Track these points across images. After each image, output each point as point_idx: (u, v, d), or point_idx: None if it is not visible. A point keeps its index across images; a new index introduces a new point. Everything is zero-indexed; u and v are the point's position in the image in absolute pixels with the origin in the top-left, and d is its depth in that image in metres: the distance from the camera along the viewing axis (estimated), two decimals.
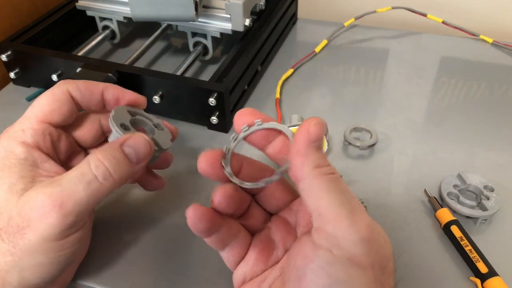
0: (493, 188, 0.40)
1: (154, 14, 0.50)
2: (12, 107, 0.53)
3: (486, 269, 0.34)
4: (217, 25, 0.54)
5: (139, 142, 0.30)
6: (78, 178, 0.27)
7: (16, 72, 0.53)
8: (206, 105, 0.46)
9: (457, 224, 0.37)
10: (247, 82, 0.53)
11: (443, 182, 0.41)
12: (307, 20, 0.70)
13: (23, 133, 0.30)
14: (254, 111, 0.30)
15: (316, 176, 0.25)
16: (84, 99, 0.33)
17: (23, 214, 0.27)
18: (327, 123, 0.46)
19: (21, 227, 0.27)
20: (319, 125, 0.25)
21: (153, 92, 0.48)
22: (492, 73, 0.58)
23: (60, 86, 0.32)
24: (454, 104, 0.53)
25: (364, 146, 0.45)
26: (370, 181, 0.43)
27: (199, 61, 0.59)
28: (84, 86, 0.33)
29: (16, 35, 0.54)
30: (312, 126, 0.25)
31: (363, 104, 0.53)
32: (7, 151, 0.30)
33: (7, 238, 0.27)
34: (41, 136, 0.31)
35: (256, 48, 0.54)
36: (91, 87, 0.33)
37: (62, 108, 0.32)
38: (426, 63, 0.60)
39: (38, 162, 0.30)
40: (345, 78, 0.57)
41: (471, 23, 0.66)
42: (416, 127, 0.49)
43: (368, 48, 0.63)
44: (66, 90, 0.32)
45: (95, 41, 0.57)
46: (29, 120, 0.31)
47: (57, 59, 0.50)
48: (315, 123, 0.25)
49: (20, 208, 0.27)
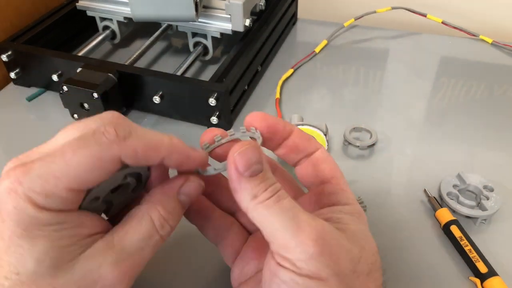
0: (493, 188, 0.40)
1: (154, 14, 0.50)
2: (12, 107, 0.53)
3: (485, 269, 0.34)
4: (217, 25, 0.54)
5: (194, 187, 0.27)
6: (145, 241, 0.25)
7: (16, 72, 0.54)
8: (206, 105, 0.46)
9: (456, 224, 0.37)
10: (247, 82, 0.53)
11: (442, 182, 0.41)
12: (307, 20, 0.70)
13: (45, 198, 0.22)
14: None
15: (254, 208, 0.24)
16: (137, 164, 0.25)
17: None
18: (327, 123, 0.46)
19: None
20: (243, 153, 0.24)
21: (154, 92, 0.48)
22: (492, 73, 0.58)
23: (112, 150, 0.23)
24: (453, 104, 0.53)
25: (364, 146, 0.45)
26: (370, 181, 0.43)
27: (199, 61, 0.59)
28: (143, 153, 0.24)
29: (16, 35, 0.54)
30: (236, 157, 0.24)
31: (363, 104, 0.53)
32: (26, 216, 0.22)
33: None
34: (68, 205, 0.23)
35: (256, 48, 0.54)
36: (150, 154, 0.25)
37: (101, 178, 0.24)
38: (426, 63, 0.60)
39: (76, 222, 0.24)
40: (345, 78, 0.57)
41: (471, 23, 0.66)
42: (416, 127, 0.50)
43: (368, 48, 0.63)
44: (117, 158, 0.23)
45: (95, 41, 0.58)
46: (54, 183, 0.22)
47: (57, 59, 0.50)
48: (239, 153, 0.24)
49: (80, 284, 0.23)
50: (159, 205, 0.26)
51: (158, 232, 0.26)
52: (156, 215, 0.26)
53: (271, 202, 0.24)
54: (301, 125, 0.43)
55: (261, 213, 0.24)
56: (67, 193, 0.22)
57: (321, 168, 0.29)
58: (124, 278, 0.24)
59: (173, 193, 0.27)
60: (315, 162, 0.29)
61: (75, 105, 0.47)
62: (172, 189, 0.27)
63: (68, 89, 0.46)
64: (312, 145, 0.30)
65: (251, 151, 0.24)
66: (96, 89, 0.45)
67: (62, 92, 0.46)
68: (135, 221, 0.25)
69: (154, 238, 0.25)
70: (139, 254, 0.25)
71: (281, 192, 0.25)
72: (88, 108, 0.47)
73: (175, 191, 0.27)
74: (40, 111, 0.52)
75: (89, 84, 0.45)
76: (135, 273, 0.25)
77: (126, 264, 0.24)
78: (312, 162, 0.29)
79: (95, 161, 0.23)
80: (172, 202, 0.27)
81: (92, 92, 0.45)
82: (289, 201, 0.25)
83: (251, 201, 0.24)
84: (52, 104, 0.53)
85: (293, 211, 0.24)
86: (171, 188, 0.27)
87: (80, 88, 0.45)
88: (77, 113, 0.48)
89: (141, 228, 0.25)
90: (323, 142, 0.43)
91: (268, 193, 0.24)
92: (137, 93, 0.49)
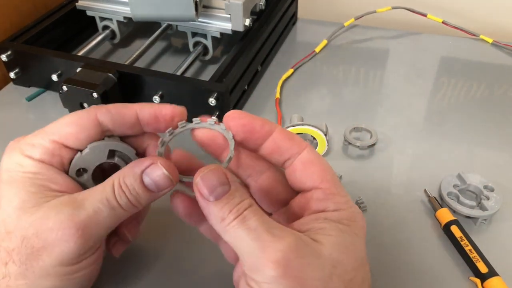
0: (493, 188, 0.40)
1: (154, 14, 0.50)
2: (12, 107, 0.53)
3: (486, 269, 0.34)
4: (217, 25, 0.54)
5: (158, 174, 0.28)
6: (103, 203, 0.26)
7: (16, 72, 0.54)
8: (206, 105, 0.46)
9: (457, 224, 0.37)
10: (247, 82, 0.53)
11: (443, 182, 0.41)
12: (307, 20, 0.70)
13: (32, 148, 0.28)
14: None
15: (224, 230, 0.25)
16: (116, 124, 0.29)
17: (40, 234, 0.25)
18: (327, 123, 0.46)
19: (36, 249, 0.25)
20: (205, 178, 0.25)
21: (153, 92, 0.48)
22: (492, 73, 0.58)
23: (90, 111, 0.29)
24: (454, 104, 0.53)
25: (364, 146, 0.45)
26: (370, 181, 0.43)
27: (199, 61, 0.59)
28: (115, 109, 0.29)
29: (16, 35, 0.54)
30: (199, 183, 0.25)
31: (363, 104, 0.53)
32: (14, 163, 0.27)
33: (19, 259, 0.26)
34: (49, 155, 0.28)
35: (256, 48, 0.54)
36: (122, 109, 0.29)
37: (80, 133, 0.28)
38: (426, 63, 0.60)
39: (48, 176, 0.28)
40: (345, 78, 0.57)
41: (471, 23, 0.66)
42: (416, 127, 0.50)
43: (368, 48, 0.63)
44: (94, 116, 0.28)
45: (95, 41, 0.57)
46: (42, 136, 0.28)
47: (57, 59, 0.50)
48: (201, 177, 0.25)
49: (36, 228, 0.26)
50: (122, 175, 0.27)
51: (116, 199, 0.27)
52: (117, 183, 0.27)
53: (236, 223, 0.24)
54: (301, 125, 0.43)
55: (230, 235, 0.25)
56: (50, 144, 0.28)
57: (309, 171, 0.27)
58: (77, 232, 0.26)
59: (139, 170, 0.27)
60: (303, 165, 0.28)
61: (75, 105, 0.47)
62: (139, 166, 0.28)
63: (67, 89, 0.46)
64: (296, 145, 0.28)
65: (212, 175, 0.25)
66: (95, 89, 0.45)
67: (61, 92, 0.46)
68: (101, 185, 0.28)
69: (111, 203, 0.27)
70: (96, 214, 0.26)
71: (248, 211, 0.25)
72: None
73: (140, 169, 0.28)
74: (40, 111, 0.52)
75: (88, 84, 0.45)
76: (91, 234, 0.26)
77: (81, 219, 0.26)
78: (299, 164, 0.28)
79: (75, 119, 0.28)
80: (132, 177, 0.27)
81: (92, 92, 0.45)
82: (256, 220, 0.24)
83: (220, 223, 0.25)
84: (52, 104, 0.53)
85: (258, 231, 0.24)
86: (138, 164, 0.28)
87: (80, 88, 0.45)
88: None
89: (103, 191, 0.27)
90: (323, 142, 0.43)
91: (233, 215, 0.24)
92: (137, 93, 0.49)
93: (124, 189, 0.27)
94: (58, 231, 0.25)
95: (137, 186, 0.27)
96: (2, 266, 0.26)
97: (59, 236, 0.25)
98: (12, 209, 0.26)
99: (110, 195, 0.27)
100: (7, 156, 0.28)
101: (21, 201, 0.26)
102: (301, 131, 0.43)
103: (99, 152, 0.29)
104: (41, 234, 0.26)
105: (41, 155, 0.28)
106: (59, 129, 0.28)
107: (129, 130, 0.30)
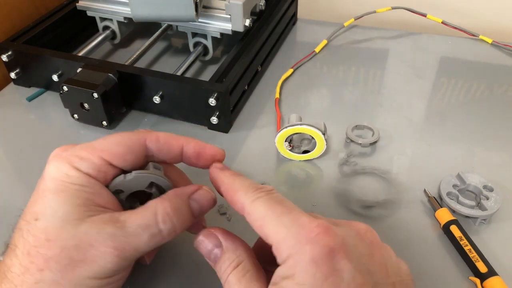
0: (493, 188, 0.40)
1: (154, 14, 0.50)
2: (12, 107, 0.53)
3: (485, 269, 0.34)
4: (217, 26, 0.54)
5: (205, 197, 0.30)
6: (143, 228, 0.27)
7: (16, 72, 0.54)
8: (206, 105, 0.46)
9: (456, 224, 0.37)
10: (247, 82, 0.53)
11: (442, 182, 0.41)
12: (307, 20, 0.70)
13: (81, 160, 0.28)
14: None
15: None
16: (161, 153, 0.31)
17: (80, 248, 0.26)
18: (327, 123, 0.46)
19: (74, 260, 0.26)
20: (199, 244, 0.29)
21: (154, 92, 0.48)
22: (492, 73, 0.58)
23: (140, 134, 0.30)
24: (453, 104, 0.53)
25: (366, 143, 0.45)
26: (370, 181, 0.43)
27: (199, 61, 0.59)
28: (164, 139, 0.31)
29: (16, 35, 0.54)
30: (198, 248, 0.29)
31: (362, 104, 0.53)
32: (61, 173, 0.28)
33: (56, 268, 0.26)
34: (95, 171, 0.29)
35: (256, 49, 0.54)
36: (170, 140, 0.31)
37: (127, 155, 0.30)
38: (425, 63, 0.60)
39: (94, 190, 0.28)
40: (345, 78, 0.57)
41: (471, 23, 0.66)
42: (415, 127, 0.50)
43: (368, 48, 0.63)
44: (144, 141, 0.30)
45: (95, 41, 0.58)
46: (91, 152, 0.29)
47: (57, 59, 0.50)
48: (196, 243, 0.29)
49: (77, 241, 0.26)
50: (167, 201, 0.28)
51: (158, 225, 0.27)
52: (161, 208, 0.28)
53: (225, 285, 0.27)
54: (299, 124, 0.43)
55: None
56: (98, 160, 0.28)
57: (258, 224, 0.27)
58: (115, 252, 0.26)
59: (184, 195, 0.29)
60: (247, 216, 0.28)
61: (75, 105, 0.47)
62: (184, 192, 0.29)
63: (68, 89, 0.46)
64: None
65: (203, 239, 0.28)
66: (96, 89, 0.45)
67: (62, 92, 0.46)
68: (143, 209, 0.28)
69: (153, 228, 0.27)
70: (136, 237, 0.27)
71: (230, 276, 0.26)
72: (88, 108, 0.47)
73: (187, 195, 0.29)
74: (40, 111, 0.52)
75: (89, 84, 0.45)
76: (128, 255, 0.27)
77: (121, 240, 0.26)
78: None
79: (125, 140, 0.30)
80: (180, 202, 0.29)
81: (92, 92, 0.45)
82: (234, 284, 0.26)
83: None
84: (52, 104, 0.53)
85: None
86: (183, 191, 0.30)
87: (80, 88, 0.45)
88: (77, 113, 0.48)
89: (145, 215, 0.27)
90: (321, 142, 0.43)
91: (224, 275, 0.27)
92: (137, 93, 0.49)
93: (170, 215, 0.28)
94: (98, 249, 0.26)
95: (185, 208, 0.29)
96: (37, 272, 0.26)
97: (99, 253, 0.26)
98: (56, 219, 0.26)
99: (152, 220, 0.27)
100: (54, 165, 0.28)
101: (66, 212, 0.27)
102: (300, 131, 0.43)
103: (142, 181, 0.30)
104: (81, 248, 0.26)
105: (88, 169, 0.28)
106: (108, 147, 0.29)
107: (170, 160, 0.32)
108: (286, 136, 0.44)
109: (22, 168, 0.45)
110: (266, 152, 0.46)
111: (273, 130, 0.49)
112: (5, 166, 0.45)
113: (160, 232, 0.27)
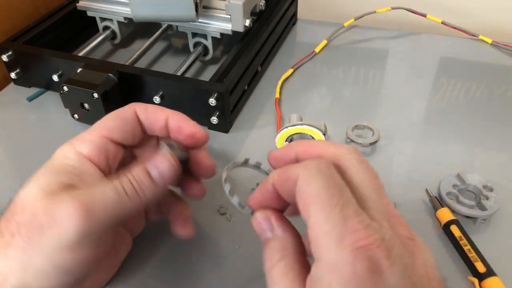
0: (492, 188, 0.40)
1: (154, 14, 0.50)
2: (13, 107, 0.53)
3: (484, 269, 0.34)
4: (217, 26, 0.54)
5: (164, 165, 0.30)
6: (109, 186, 0.28)
7: (17, 72, 0.54)
8: (206, 105, 0.46)
9: (456, 224, 0.37)
10: (247, 82, 0.53)
11: (442, 182, 0.41)
12: (307, 20, 0.70)
13: (82, 142, 0.31)
14: None
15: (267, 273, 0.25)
16: (149, 122, 0.33)
17: (48, 212, 0.27)
18: (327, 123, 0.46)
19: (44, 226, 0.26)
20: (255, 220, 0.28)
21: (154, 92, 0.48)
22: (491, 73, 0.58)
23: (129, 106, 0.33)
24: (453, 104, 0.53)
25: (366, 143, 0.45)
26: None
27: (199, 61, 0.59)
28: (151, 109, 0.33)
29: (17, 35, 0.54)
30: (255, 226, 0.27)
31: (362, 104, 0.53)
32: (62, 154, 0.30)
33: (26, 234, 0.27)
34: (97, 150, 0.31)
35: (256, 49, 0.54)
36: (156, 111, 0.33)
37: (124, 126, 0.32)
38: (425, 63, 0.60)
39: (85, 172, 0.30)
40: (345, 78, 0.57)
41: (471, 24, 0.66)
42: (415, 127, 0.50)
43: (367, 49, 0.63)
44: (133, 111, 0.32)
45: (95, 42, 0.58)
46: (92, 132, 0.31)
47: (57, 59, 0.51)
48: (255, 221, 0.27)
49: (47, 207, 0.27)
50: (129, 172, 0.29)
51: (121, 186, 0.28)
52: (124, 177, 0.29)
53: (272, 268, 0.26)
54: (299, 124, 0.43)
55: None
56: (99, 139, 0.31)
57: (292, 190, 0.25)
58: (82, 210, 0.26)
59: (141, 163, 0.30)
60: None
61: (76, 105, 0.47)
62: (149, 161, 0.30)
63: (68, 89, 0.46)
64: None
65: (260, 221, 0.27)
66: (96, 89, 0.45)
67: (62, 92, 0.46)
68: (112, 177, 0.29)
69: (117, 188, 0.28)
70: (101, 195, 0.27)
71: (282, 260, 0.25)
72: (89, 108, 0.47)
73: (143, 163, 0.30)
74: (41, 111, 0.52)
75: (89, 84, 0.45)
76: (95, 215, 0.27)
77: (86, 198, 0.27)
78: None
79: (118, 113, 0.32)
80: (140, 172, 0.29)
81: (93, 92, 0.45)
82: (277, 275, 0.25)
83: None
84: (53, 104, 0.53)
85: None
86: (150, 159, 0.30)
87: (80, 88, 0.45)
88: (77, 113, 0.48)
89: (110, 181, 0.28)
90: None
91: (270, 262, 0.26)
92: (137, 93, 0.49)
93: (131, 180, 0.29)
94: (64, 210, 0.26)
95: (143, 176, 0.29)
96: (10, 236, 0.27)
97: (64, 213, 0.26)
98: (34, 188, 0.28)
99: (117, 182, 0.28)
100: (61, 147, 0.31)
101: (46, 183, 0.28)
102: (300, 131, 0.43)
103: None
104: (49, 211, 0.27)
105: (89, 151, 0.30)
106: (105, 123, 0.32)
107: (158, 131, 0.33)
108: (287, 136, 0.44)
109: (22, 168, 0.45)
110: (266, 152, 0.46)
111: (273, 130, 0.49)
112: (5, 166, 0.45)
113: (124, 193, 0.28)
